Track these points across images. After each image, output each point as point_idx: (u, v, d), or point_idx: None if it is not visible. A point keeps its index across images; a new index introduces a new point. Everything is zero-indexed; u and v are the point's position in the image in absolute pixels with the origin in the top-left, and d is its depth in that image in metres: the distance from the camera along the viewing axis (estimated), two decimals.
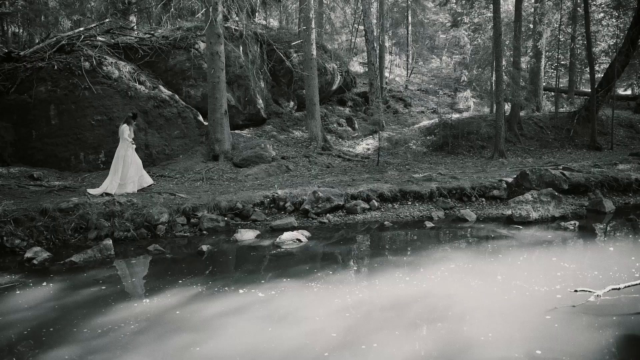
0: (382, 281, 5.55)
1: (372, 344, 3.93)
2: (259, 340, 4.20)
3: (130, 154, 9.78)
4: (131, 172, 9.76)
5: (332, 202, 9.37)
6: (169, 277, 6.22)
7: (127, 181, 9.75)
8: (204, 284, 5.78)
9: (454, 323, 4.39)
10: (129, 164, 9.73)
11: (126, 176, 9.72)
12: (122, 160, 9.68)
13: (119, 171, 9.65)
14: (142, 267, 6.78)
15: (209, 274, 6.32)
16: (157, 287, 5.69)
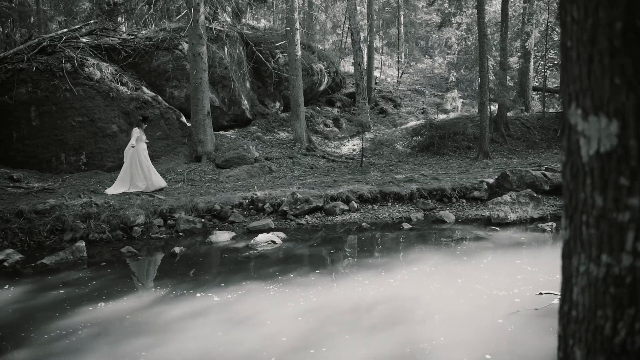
0: (348, 284, 5.55)
1: (322, 348, 3.93)
2: (214, 343, 4.21)
3: (140, 155, 9.95)
4: (145, 171, 9.98)
5: (310, 203, 9.37)
6: (137, 279, 6.22)
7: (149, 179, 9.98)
8: (170, 286, 5.78)
9: (411, 327, 4.40)
10: (145, 163, 9.99)
11: (148, 175, 9.99)
12: (135, 162, 9.91)
13: (142, 173, 9.93)
14: (113, 269, 6.76)
15: (178, 276, 6.32)
16: (123, 289, 5.68)
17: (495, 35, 19.85)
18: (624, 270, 0.92)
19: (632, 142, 0.90)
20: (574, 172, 0.99)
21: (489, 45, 17.37)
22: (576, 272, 1.00)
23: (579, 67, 0.96)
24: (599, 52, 0.92)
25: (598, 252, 0.95)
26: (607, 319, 0.94)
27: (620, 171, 0.91)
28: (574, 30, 0.96)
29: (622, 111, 0.90)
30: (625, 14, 0.88)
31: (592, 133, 0.94)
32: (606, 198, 0.93)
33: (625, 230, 0.92)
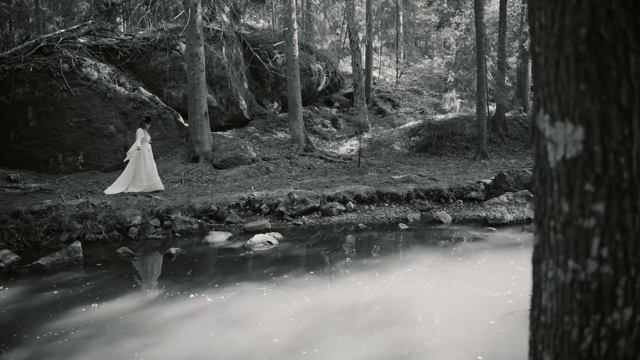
0: (342, 285, 5.55)
1: (314, 349, 3.93)
2: (207, 344, 4.21)
3: (145, 156, 10.01)
4: (148, 170, 10.06)
5: (307, 204, 9.37)
6: (132, 280, 6.21)
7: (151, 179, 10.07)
8: (165, 287, 5.78)
9: (404, 328, 4.39)
10: (149, 164, 10.06)
11: (150, 175, 10.05)
12: (140, 162, 9.98)
13: (144, 173, 9.98)
14: (108, 270, 6.75)
15: (173, 276, 6.32)
16: (118, 290, 5.68)
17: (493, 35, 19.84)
18: (589, 276, 0.92)
19: (596, 149, 0.90)
20: (542, 178, 0.99)
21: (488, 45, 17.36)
22: (545, 277, 1.00)
23: (547, 72, 0.96)
24: (565, 57, 0.92)
25: (565, 258, 0.95)
26: (574, 324, 0.94)
27: (586, 177, 0.91)
28: (542, 36, 0.96)
29: (587, 117, 0.90)
30: (590, 20, 0.88)
31: (559, 139, 0.94)
32: (572, 204, 0.93)
33: (591, 237, 0.92)
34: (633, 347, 0.92)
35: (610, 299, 0.92)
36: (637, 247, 0.91)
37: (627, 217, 0.90)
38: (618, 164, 0.89)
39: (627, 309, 0.91)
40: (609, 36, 0.88)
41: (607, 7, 0.87)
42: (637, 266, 0.91)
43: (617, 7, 0.87)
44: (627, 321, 0.92)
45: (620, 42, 0.87)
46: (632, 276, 0.91)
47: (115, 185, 10.04)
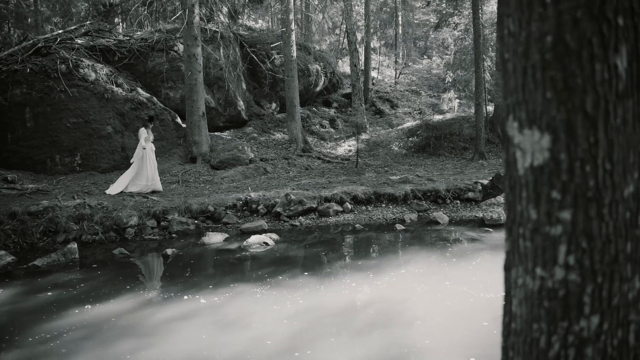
0: (336, 286, 5.55)
1: (307, 351, 3.93)
2: (199, 346, 4.21)
3: (149, 156, 10.07)
4: (150, 170, 10.12)
5: (304, 204, 9.37)
6: (128, 281, 6.20)
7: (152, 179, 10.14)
8: (161, 288, 5.79)
9: (397, 329, 4.39)
10: (152, 164, 10.12)
11: (151, 175, 10.13)
12: (144, 162, 10.04)
13: (144, 173, 10.03)
14: (104, 271, 6.76)
15: (168, 278, 6.32)
16: (113, 291, 5.68)
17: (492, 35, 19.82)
18: (556, 283, 0.92)
19: (562, 156, 0.90)
20: (511, 185, 0.99)
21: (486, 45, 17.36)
22: (515, 284, 1.00)
23: (515, 80, 0.96)
24: (531, 65, 0.92)
25: (533, 265, 0.95)
26: (542, 332, 0.94)
27: (552, 185, 0.91)
28: (510, 43, 0.96)
29: (553, 125, 0.90)
30: (556, 27, 0.88)
31: (527, 146, 0.94)
32: (539, 211, 0.93)
33: (558, 244, 0.92)
34: (600, 355, 0.92)
35: (577, 307, 0.92)
36: (604, 255, 0.91)
37: (594, 225, 0.90)
38: (584, 171, 0.89)
39: (594, 316, 0.91)
40: (575, 44, 0.87)
41: (572, 15, 0.87)
42: (604, 274, 0.91)
43: (583, 15, 0.87)
44: (594, 329, 0.92)
45: (585, 50, 0.87)
46: (599, 284, 0.91)
47: (116, 185, 10.10)
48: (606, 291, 0.91)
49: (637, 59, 0.90)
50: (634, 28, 0.89)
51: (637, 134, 0.91)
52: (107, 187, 10.48)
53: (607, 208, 0.90)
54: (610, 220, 0.90)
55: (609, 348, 0.92)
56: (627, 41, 0.89)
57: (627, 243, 0.92)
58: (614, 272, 0.91)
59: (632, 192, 0.91)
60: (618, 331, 0.92)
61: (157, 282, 6.08)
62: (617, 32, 0.88)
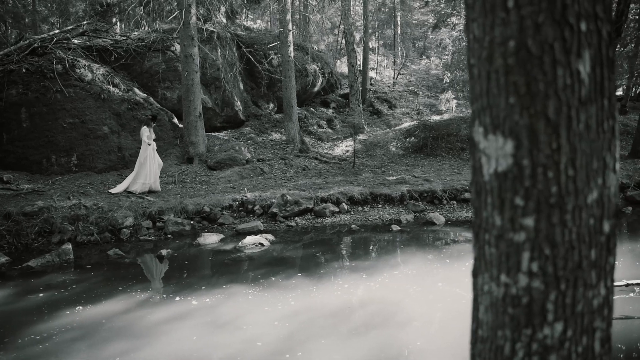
0: (328, 288, 5.54)
1: (297, 352, 3.92)
2: (191, 348, 4.20)
3: (149, 155, 10.08)
4: (152, 170, 10.18)
5: (300, 205, 9.36)
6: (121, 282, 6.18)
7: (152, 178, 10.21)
8: (154, 289, 5.78)
9: (388, 331, 4.39)
10: (154, 163, 10.16)
11: (153, 175, 10.16)
12: (148, 161, 10.07)
13: (144, 172, 10.05)
14: (98, 272, 6.74)
15: (162, 279, 6.31)
16: (106, 292, 5.67)
17: None
18: (520, 290, 0.91)
19: (525, 162, 0.89)
20: (477, 190, 0.98)
21: None
22: (481, 290, 0.99)
23: (480, 85, 0.95)
24: (495, 70, 0.91)
25: (498, 271, 0.94)
26: (507, 339, 0.93)
27: (516, 191, 0.90)
28: (475, 48, 0.95)
29: (516, 130, 0.89)
30: (518, 32, 0.88)
31: (491, 152, 0.93)
32: (504, 218, 0.92)
33: (521, 251, 0.91)
34: None
35: (541, 314, 0.91)
36: (567, 261, 0.90)
37: (556, 231, 0.89)
38: (546, 177, 0.88)
39: (558, 323, 0.90)
40: (537, 49, 0.87)
41: (534, 20, 0.86)
42: (567, 281, 0.90)
43: (544, 20, 0.86)
44: (558, 336, 0.91)
45: (547, 55, 0.87)
46: (562, 291, 0.90)
47: (122, 184, 10.19)
48: (570, 298, 0.90)
49: (601, 64, 0.89)
50: (598, 33, 0.88)
51: (601, 140, 0.91)
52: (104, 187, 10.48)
53: (570, 214, 0.89)
54: (574, 226, 0.89)
55: (574, 355, 0.91)
56: (590, 46, 0.88)
57: (592, 249, 0.91)
58: (578, 278, 0.91)
59: (596, 198, 0.91)
60: (583, 338, 0.92)
61: (150, 283, 6.07)
62: (580, 37, 0.87)
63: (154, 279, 6.29)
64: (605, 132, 0.91)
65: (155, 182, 10.32)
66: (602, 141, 0.91)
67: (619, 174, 11.80)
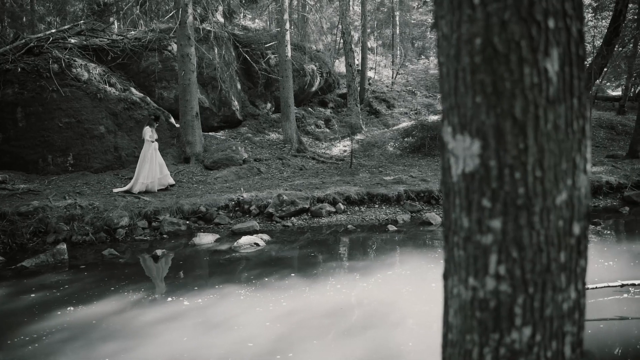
0: (321, 288, 5.52)
1: (288, 353, 3.90)
2: (182, 349, 4.17)
3: (150, 155, 10.15)
4: (154, 169, 10.25)
5: (296, 205, 9.34)
6: (114, 282, 6.17)
7: (154, 180, 10.27)
8: (147, 289, 5.75)
9: (380, 332, 4.36)
10: (154, 163, 10.22)
11: (153, 175, 10.22)
12: (148, 161, 10.15)
13: (143, 171, 10.10)
14: (92, 272, 6.72)
15: (156, 279, 6.29)
16: (99, 292, 5.65)
17: None
18: (488, 294, 0.89)
19: (492, 163, 0.87)
20: (446, 192, 0.96)
21: None
22: (451, 294, 0.97)
23: (448, 83, 0.93)
24: (462, 68, 0.89)
25: (466, 274, 0.92)
26: (475, 343, 0.91)
27: (483, 192, 0.88)
28: (444, 46, 0.93)
29: (483, 130, 0.87)
30: (484, 30, 0.85)
31: (459, 152, 0.91)
32: (471, 219, 0.90)
33: (489, 253, 0.89)
34: None
35: (509, 318, 0.89)
36: (535, 264, 0.88)
37: (524, 233, 0.87)
38: (513, 179, 0.86)
39: (526, 328, 0.88)
40: (503, 47, 0.85)
41: (500, 17, 0.84)
42: (536, 284, 0.88)
43: (510, 17, 0.84)
44: (527, 341, 0.89)
45: (514, 53, 0.84)
46: (530, 295, 0.88)
47: (152, 183, 10.28)
48: (538, 302, 0.88)
49: (571, 63, 0.87)
50: (567, 31, 0.86)
51: (571, 140, 0.88)
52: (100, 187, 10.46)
53: (538, 216, 0.87)
54: (542, 228, 0.87)
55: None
56: (559, 44, 0.86)
57: (561, 252, 0.89)
58: (547, 282, 0.88)
59: (565, 199, 0.89)
60: (552, 343, 0.90)
61: (144, 283, 6.04)
62: (548, 35, 0.85)
63: (148, 279, 6.27)
64: (575, 132, 0.89)
65: (164, 178, 10.42)
66: (571, 141, 0.88)
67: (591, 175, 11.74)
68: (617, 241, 7.84)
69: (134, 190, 10.09)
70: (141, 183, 10.16)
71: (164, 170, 10.47)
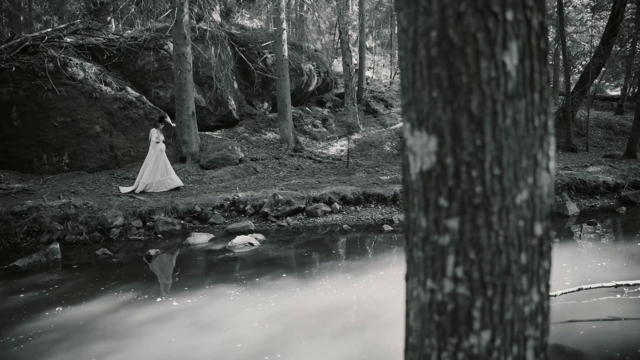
0: (311, 289, 5.48)
1: (277, 354, 3.86)
2: (171, 349, 4.14)
3: (156, 156, 10.21)
4: (159, 172, 10.31)
5: (292, 205, 9.30)
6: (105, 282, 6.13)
7: (158, 180, 10.31)
8: (138, 289, 5.71)
9: (370, 332, 4.33)
10: (157, 165, 10.24)
11: (155, 176, 10.27)
12: (152, 162, 10.22)
13: (146, 173, 10.17)
14: (84, 272, 6.68)
15: (148, 279, 6.25)
16: (90, 292, 5.61)
17: None
18: (445, 296, 0.86)
19: (449, 160, 0.83)
20: (406, 190, 0.93)
21: None
22: (410, 296, 0.94)
23: (407, 78, 0.89)
24: (419, 62, 0.86)
25: (424, 276, 0.89)
26: (433, 348, 0.88)
27: (440, 191, 0.85)
28: (402, 39, 0.90)
29: (439, 127, 0.84)
30: (440, 22, 0.82)
31: (417, 149, 0.88)
32: (429, 219, 0.87)
33: (446, 255, 0.85)
34: None
35: (467, 322, 0.85)
36: (494, 266, 0.84)
37: (482, 234, 0.84)
38: (470, 177, 0.83)
39: (485, 332, 0.85)
40: (459, 40, 0.81)
41: (456, 9, 0.81)
42: (495, 287, 0.85)
43: (466, 9, 0.80)
44: (485, 345, 0.85)
45: (470, 46, 0.81)
46: (489, 298, 0.85)
47: (158, 183, 10.31)
48: (497, 305, 0.85)
49: (531, 56, 0.84)
50: (527, 23, 0.83)
51: (532, 136, 0.85)
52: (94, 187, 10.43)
53: (497, 216, 0.83)
54: (501, 229, 0.84)
55: None
56: (517, 37, 0.82)
57: (521, 253, 0.86)
58: (507, 284, 0.85)
59: (525, 198, 0.85)
60: (513, 347, 0.86)
61: (135, 283, 6.00)
62: (506, 28, 0.81)
63: (140, 279, 6.22)
64: (537, 128, 0.85)
65: (174, 180, 10.37)
66: (532, 138, 0.85)
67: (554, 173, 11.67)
68: (613, 241, 7.81)
69: (136, 191, 10.14)
70: (142, 183, 10.19)
71: (169, 172, 10.42)
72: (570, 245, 7.61)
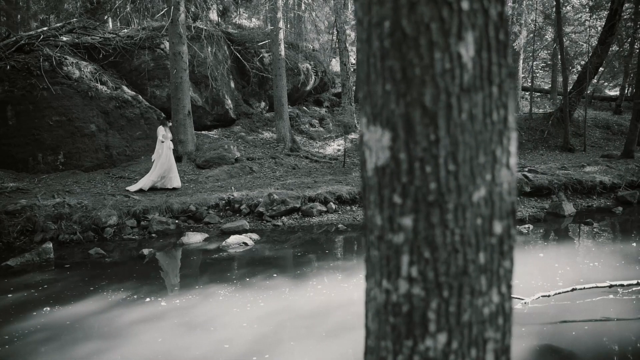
0: (301, 289, 5.44)
1: (264, 355, 3.83)
2: (160, 350, 4.11)
3: (165, 154, 10.26)
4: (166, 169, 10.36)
5: (287, 204, 9.27)
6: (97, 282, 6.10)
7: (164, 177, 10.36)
8: (129, 289, 5.68)
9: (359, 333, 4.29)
10: (164, 162, 10.29)
11: (163, 172, 10.31)
12: (158, 160, 10.29)
13: (157, 169, 10.24)
14: (76, 272, 6.65)
15: (140, 279, 6.21)
16: (81, 292, 5.58)
17: None
18: (400, 297, 0.83)
19: (402, 156, 0.80)
20: (363, 187, 0.89)
21: None
22: (368, 296, 0.90)
23: (363, 70, 0.86)
24: (373, 54, 0.82)
25: (380, 276, 0.86)
26: (388, 351, 0.85)
27: (394, 188, 0.81)
28: (359, 31, 0.87)
29: (392, 121, 0.80)
30: (392, 11, 0.78)
31: (372, 144, 0.84)
32: (383, 217, 0.83)
33: (401, 254, 0.82)
34: None
35: (422, 324, 0.82)
36: (450, 266, 0.81)
37: (437, 232, 0.80)
38: (424, 173, 0.79)
39: (441, 334, 0.82)
40: (412, 30, 0.78)
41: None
42: (451, 287, 0.81)
43: None
44: (442, 348, 0.82)
45: (423, 37, 0.78)
46: (445, 299, 0.81)
47: (138, 183, 10.21)
48: (454, 306, 0.81)
49: (489, 47, 0.80)
50: (484, 13, 0.79)
51: (490, 131, 0.82)
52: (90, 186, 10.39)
53: (452, 214, 0.80)
54: (456, 227, 0.80)
55: None
56: (474, 28, 0.79)
57: (480, 253, 0.82)
58: (464, 285, 0.82)
59: (483, 196, 0.82)
60: (471, 351, 0.83)
61: (127, 283, 5.96)
62: (461, 17, 0.78)
63: (131, 279, 6.19)
64: (495, 123, 0.82)
65: (173, 179, 10.36)
66: (490, 133, 0.81)
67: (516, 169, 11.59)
68: (608, 241, 7.77)
69: (144, 188, 10.13)
70: (151, 181, 10.21)
71: (172, 171, 10.42)
72: (565, 245, 7.58)
